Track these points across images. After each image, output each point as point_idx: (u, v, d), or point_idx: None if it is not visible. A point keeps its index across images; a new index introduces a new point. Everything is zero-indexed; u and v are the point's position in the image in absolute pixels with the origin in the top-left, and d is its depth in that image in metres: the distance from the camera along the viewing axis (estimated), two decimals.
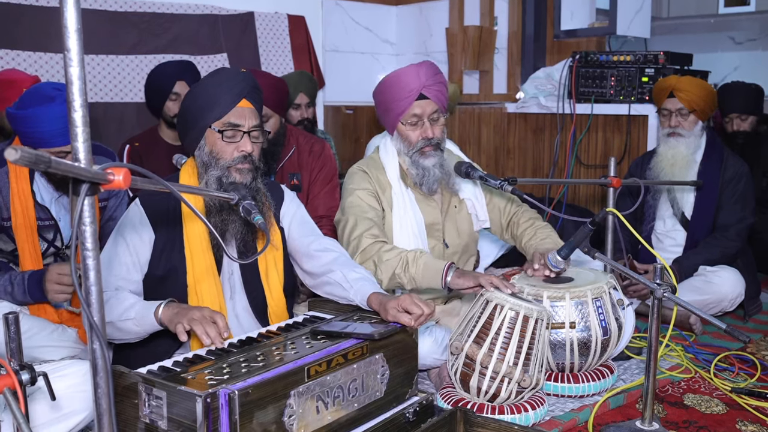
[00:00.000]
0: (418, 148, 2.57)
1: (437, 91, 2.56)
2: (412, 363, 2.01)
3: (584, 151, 4.25)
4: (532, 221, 2.74)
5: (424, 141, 2.56)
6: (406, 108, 2.55)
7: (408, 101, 2.54)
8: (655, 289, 2.04)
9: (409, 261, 2.37)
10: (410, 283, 2.38)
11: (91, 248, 1.17)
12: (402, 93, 2.54)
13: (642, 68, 3.96)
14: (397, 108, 2.56)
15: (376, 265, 2.40)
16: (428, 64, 2.59)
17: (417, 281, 2.37)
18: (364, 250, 2.43)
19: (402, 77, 2.56)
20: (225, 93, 2.12)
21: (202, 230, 2.15)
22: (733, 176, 3.29)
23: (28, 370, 1.38)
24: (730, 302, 3.19)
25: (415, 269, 2.36)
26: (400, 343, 1.96)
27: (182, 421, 1.55)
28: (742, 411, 2.34)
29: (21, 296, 2.38)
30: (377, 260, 2.40)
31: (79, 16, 1.11)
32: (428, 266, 2.35)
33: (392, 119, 2.60)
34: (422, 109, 2.55)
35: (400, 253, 2.39)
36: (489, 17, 4.99)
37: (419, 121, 2.56)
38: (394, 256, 2.39)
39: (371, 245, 2.43)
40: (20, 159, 0.98)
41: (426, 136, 2.56)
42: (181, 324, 1.87)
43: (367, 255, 2.42)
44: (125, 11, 4.26)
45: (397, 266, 2.37)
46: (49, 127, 2.32)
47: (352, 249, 2.46)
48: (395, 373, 1.95)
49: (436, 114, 2.58)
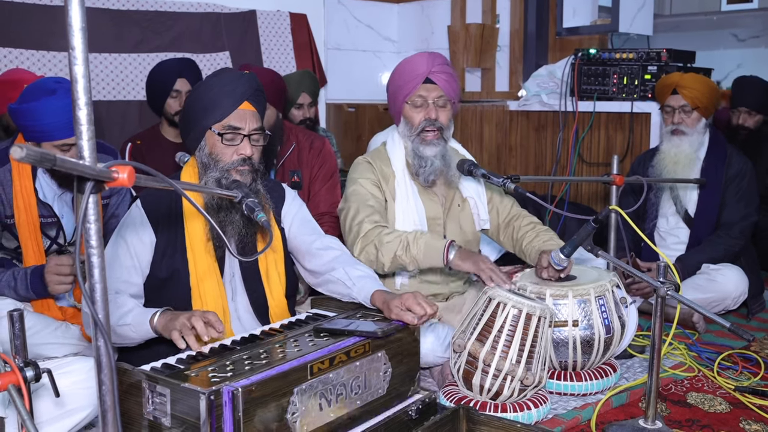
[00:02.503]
0: (420, 129, 2.56)
1: (445, 79, 2.57)
2: (414, 361, 2.02)
3: (587, 148, 4.25)
4: (533, 225, 2.73)
5: (426, 122, 2.56)
6: (412, 90, 2.56)
7: (415, 83, 2.55)
8: (659, 287, 2.03)
9: (410, 241, 2.37)
10: (412, 263, 2.38)
11: (96, 246, 1.17)
12: (410, 76, 2.56)
13: (644, 66, 3.95)
14: (404, 91, 2.57)
15: (377, 249, 2.39)
16: (439, 54, 2.62)
17: (419, 261, 2.37)
18: (365, 235, 2.43)
19: (411, 62, 2.60)
20: (227, 95, 2.11)
21: (203, 230, 2.15)
22: (737, 174, 3.28)
23: (32, 366, 1.38)
24: (734, 300, 3.19)
25: (416, 249, 2.36)
26: (402, 341, 1.97)
27: (186, 418, 1.55)
28: (746, 410, 2.34)
29: (24, 291, 2.38)
30: (378, 243, 2.39)
31: (84, 14, 1.11)
32: (429, 245, 2.35)
33: (399, 103, 2.61)
34: (428, 92, 2.56)
35: (400, 235, 2.40)
36: (491, 15, 4.98)
37: (424, 102, 2.57)
38: (394, 238, 2.39)
39: (372, 230, 2.43)
40: (26, 157, 0.98)
41: (429, 117, 2.56)
42: (176, 331, 1.83)
43: (368, 239, 2.42)
44: (128, 9, 4.26)
45: (398, 248, 2.37)
46: (51, 120, 2.30)
47: (354, 235, 2.46)
48: (397, 371, 1.95)
49: (441, 99, 2.58)
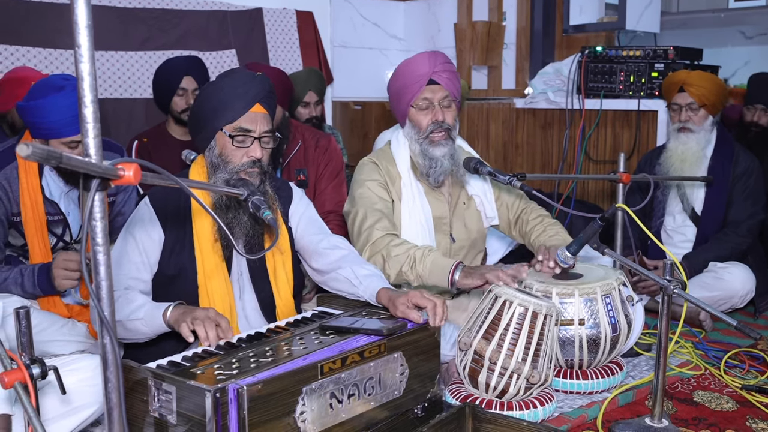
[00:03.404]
0: (428, 132, 2.56)
1: (448, 78, 2.56)
2: (433, 362, 2.00)
3: (593, 146, 4.23)
4: (541, 218, 2.72)
5: (434, 125, 2.55)
6: (416, 92, 2.54)
7: (418, 85, 2.54)
8: (665, 286, 2.03)
9: (417, 259, 2.36)
10: (417, 280, 2.38)
11: (102, 243, 1.18)
12: (412, 78, 2.55)
13: (651, 63, 3.93)
14: (408, 93, 2.56)
15: (385, 260, 2.40)
16: (439, 53, 2.60)
17: (424, 279, 2.36)
18: (374, 243, 2.43)
19: (412, 64, 2.58)
20: (239, 97, 2.10)
21: (210, 229, 2.15)
22: (744, 172, 3.27)
23: (38, 364, 1.39)
24: (741, 299, 3.17)
25: (423, 267, 2.35)
26: (420, 342, 1.95)
27: (191, 415, 1.55)
28: (753, 408, 2.33)
29: (30, 288, 2.39)
30: (386, 255, 2.39)
31: (90, 12, 1.11)
32: (436, 264, 2.34)
33: (403, 106, 2.59)
34: (433, 94, 2.55)
35: (409, 250, 2.39)
36: (497, 12, 4.97)
37: (430, 105, 2.56)
38: (402, 252, 2.38)
39: (381, 238, 2.43)
40: (32, 155, 0.99)
41: (436, 119, 2.55)
42: (186, 323, 1.86)
43: (376, 248, 2.42)
44: (134, 7, 4.27)
45: (404, 263, 2.37)
46: (59, 117, 2.32)
47: (363, 240, 2.46)
48: (415, 372, 1.94)
49: (446, 100, 2.57)
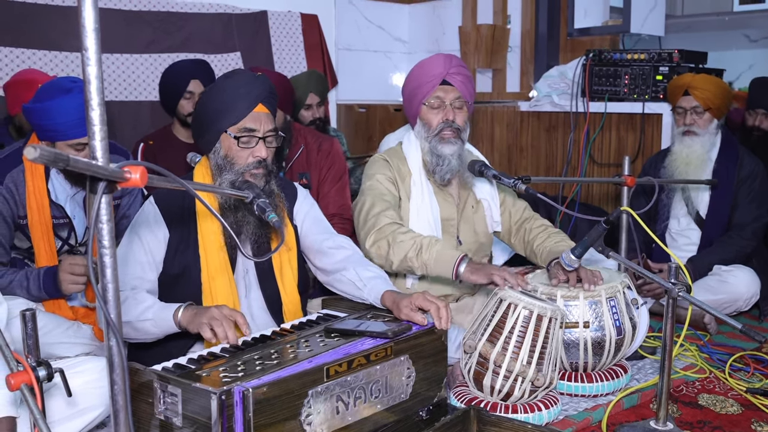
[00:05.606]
0: (438, 130, 2.58)
1: (461, 81, 2.58)
2: (440, 366, 2.00)
3: (598, 149, 4.23)
4: (544, 227, 2.73)
5: (444, 123, 2.57)
6: (429, 91, 2.57)
7: (431, 85, 2.57)
8: (670, 289, 2.02)
9: (423, 246, 2.35)
10: (421, 268, 2.36)
11: (108, 246, 1.18)
12: (426, 77, 2.58)
13: (656, 66, 3.93)
14: (421, 92, 2.59)
15: (390, 246, 2.38)
16: (455, 56, 2.64)
17: (428, 268, 2.35)
18: (380, 229, 2.42)
19: (427, 64, 2.61)
20: (241, 98, 2.11)
21: (216, 228, 2.16)
22: (749, 175, 3.26)
23: (44, 366, 1.39)
24: (745, 302, 3.16)
25: (428, 255, 2.34)
26: (427, 345, 1.95)
27: (197, 418, 1.56)
28: (758, 411, 2.33)
29: (36, 292, 2.40)
30: (391, 240, 2.38)
31: (97, 15, 1.12)
32: (441, 254, 2.33)
33: (416, 105, 2.61)
34: (445, 94, 2.58)
35: (415, 237, 2.38)
36: (502, 15, 4.98)
37: (441, 104, 2.58)
38: (408, 239, 2.38)
39: (388, 225, 2.42)
40: (39, 157, 0.99)
41: (447, 119, 2.57)
42: (205, 324, 1.86)
43: (382, 234, 2.41)
44: (139, 10, 4.28)
45: (410, 250, 2.36)
46: (66, 119, 2.33)
47: (369, 226, 2.45)
48: (422, 375, 1.93)
49: (458, 101, 2.59)
